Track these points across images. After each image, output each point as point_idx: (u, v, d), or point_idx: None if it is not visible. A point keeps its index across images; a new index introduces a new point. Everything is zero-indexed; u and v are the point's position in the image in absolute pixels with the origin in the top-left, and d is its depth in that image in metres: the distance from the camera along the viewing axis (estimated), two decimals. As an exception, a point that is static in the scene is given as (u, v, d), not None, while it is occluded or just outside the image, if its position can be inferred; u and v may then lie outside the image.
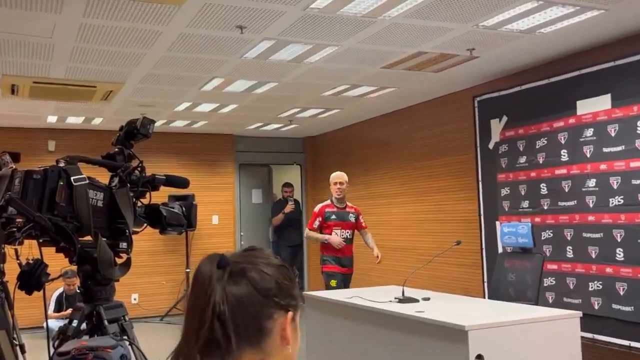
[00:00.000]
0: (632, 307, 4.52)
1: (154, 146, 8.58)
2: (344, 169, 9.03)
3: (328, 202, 5.94)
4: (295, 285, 1.07)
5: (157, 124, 7.85)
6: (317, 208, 5.93)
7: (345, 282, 5.85)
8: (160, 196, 2.27)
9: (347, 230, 5.88)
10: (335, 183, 5.89)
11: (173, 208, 2.30)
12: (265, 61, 5.12)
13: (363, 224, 6.03)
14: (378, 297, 4.35)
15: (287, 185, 9.58)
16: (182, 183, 2.34)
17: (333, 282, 5.73)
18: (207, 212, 8.85)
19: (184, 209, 2.45)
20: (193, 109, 7.13)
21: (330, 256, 5.79)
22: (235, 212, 9.33)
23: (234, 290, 0.99)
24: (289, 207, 9.21)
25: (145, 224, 2.19)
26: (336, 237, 5.75)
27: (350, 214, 5.94)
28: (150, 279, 8.65)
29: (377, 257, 5.87)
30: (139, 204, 2.13)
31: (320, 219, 5.81)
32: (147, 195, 2.18)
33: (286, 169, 10.94)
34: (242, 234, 9.32)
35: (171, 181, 2.29)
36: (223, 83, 5.87)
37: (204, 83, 5.84)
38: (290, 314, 1.03)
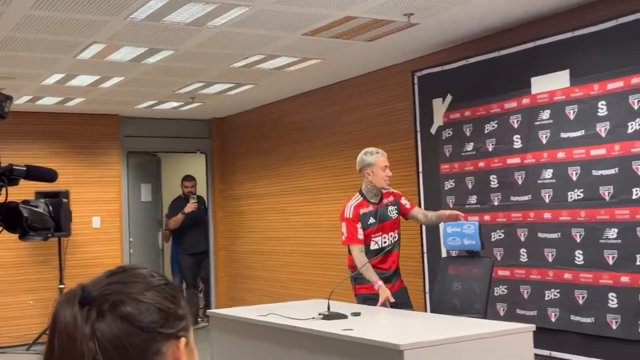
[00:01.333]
0: (593, 319, 4.78)
1: (16, 130, 8.28)
2: (259, 158, 9.10)
3: (357, 197, 4.86)
4: (181, 302, 1.06)
5: (19, 101, 7.61)
6: (348, 211, 4.81)
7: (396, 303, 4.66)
8: (24, 193, 2.20)
9: (390, 234, 4.86)
10: (385, 167, 4.82)
11: (37, 207, 2.23)
12: (157, 23, 5.03)
13: (407, 206, 4.91)
14: (298, 313, 4.38)
15: (188, 178, 9.47)
16: (47, 175, 2.27)
17: None
18: (86, 213, 8.63)
19: (50, 207, 2.37)
20: (67, 82, 6.93)
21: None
22: (123, 212, 9.14)
23: (107, 334, 0.97)
24: (191, 206, 9.10)
25: (0, 227, 2.11)
26: (385, 291, 4.62)
27: (390, 207, 4.86)
28: (14, 298, 8.37)
29: (459, 216, 4.72)
30: (-8, 201, 2.06)
31: (361, 226, 4.76)
32: (3, 191, 2.11)
33: (186, 159, 10.82)
34: (131, 240, 9.15)
35: (33, 173, 2.21)
36: (105, 50, 5.73)
37: (81, 50, 5.69)
38: (182, 340, 1.03)
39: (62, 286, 8.32)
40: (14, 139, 8.08)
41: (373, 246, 4.82)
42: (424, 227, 6.06)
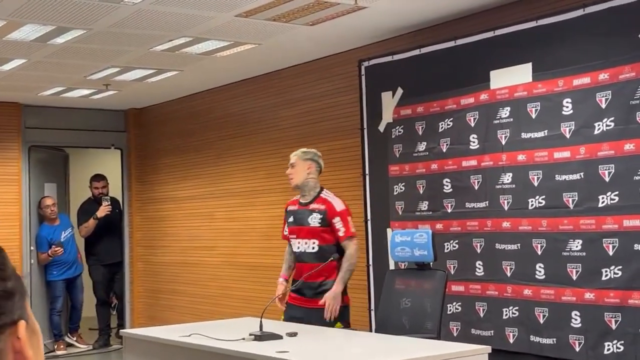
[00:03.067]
0: (555, 339, 4.92)
1: None
2: (184, 156, 9.05)
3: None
4: (7, 270, 0.95)
5: None
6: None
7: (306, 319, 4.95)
8: None
9: (306, 241, 5.13)
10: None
11: None
12: (67, -2, 4.97)
13: (341, 232, 5.05)
14: (227, 333, 4.38)
15: (97, 178, 9.34)
16: None
17: (338, 325, 5.00)
18: (-21, 217, 8.44)
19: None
20: (-42, 63, 6.77)
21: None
22: (23, 216, 8.95)
23: None
24: (104, 209, 8.98)
25: None
26: (280, 287, 5.16)
27: (314, 214, 5.10)
28: None
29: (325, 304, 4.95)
30: None
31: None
32: None
33: (98, 155, 10.68)
34: (32, 248, 8.97)
35: None
36: (5, 27, 5.63)
37: (-25, 26, 5.57)
38: (21, 324, 0.92)
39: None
40: None
41: (293, 248, 5.28)
42: (369, 235, 6.13)
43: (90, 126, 9.60)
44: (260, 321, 4.42)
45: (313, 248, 5.13)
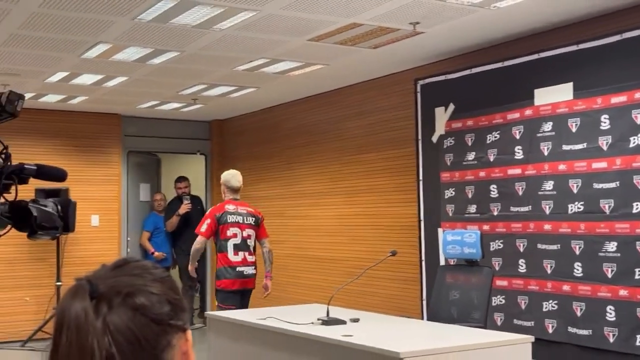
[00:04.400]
0: (590, 331, 4.79)
1: (18, 126, 8.25)
2: (259, 162, 9.09)
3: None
4: (182, 295, 1.06)
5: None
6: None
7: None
8: (23, 190, 2.21)
9: None
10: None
11: (46, 206, 2.24)
12: (164, 25, 5.04)
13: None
14: (297, 317, 4.38)
15: (180, 179, 9.47)
16: (58, 175, 2.28)
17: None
18: (85, 211, 8.62)
19: (59, 207, 2.38)
20: (71, 80, 6.93)
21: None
22: (122, 211, 9.14)
23: (120, 327, 0.95)
24: (185, 207, 9.08)
25: (9, 226, 2.12)
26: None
27: None
28: (9, 295, 8.36)
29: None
30: (2, 200, 2.06)
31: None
32: (13, 189, 2.11)
33: (185, 160, 10.81)
34: (128, 239, 9.15)
35: (44, 172, 2.22)
36: (110, 50, 5.74)
37: (87, 49, 5.69)
38: (189, 332, 1.04)
39: (59, 283, 8.30)
40: (16, 135, 8.05)
41: None
42: (422, 236, 6.07)
43: (180, 135, 9.73)
44: (327, 308, 4.41)
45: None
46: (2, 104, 2.02)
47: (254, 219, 6.02)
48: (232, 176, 6.13)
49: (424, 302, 5.95)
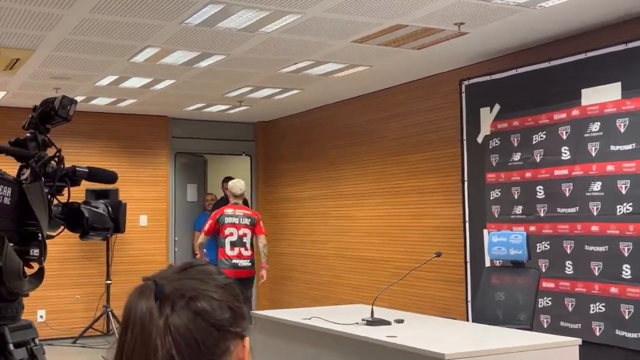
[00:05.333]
0: (639, 334, 4.67)
1: (68, 128, 8.40)
2: (303, 162, 9.11)
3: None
4: (243, 302, 1.08)
5: (74, 101, 7.72)
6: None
7: None
8: (77, 191, 2.25)
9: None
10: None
11: (97, 208, 2.27)
12: (211, 29, 5.08)
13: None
14: (342, 318, 4.38)
15: (227, 179, 9.54)
16: (109, 177, 2.31)
17: None
18: (134, 211, 8.76)
19: (110, 209, 2.41)
20: (120, 83, 7.04)
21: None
22: (169, 211, 9.25)
23: (181, 329, 0.98)
24: None
25: (62, 227, 2.15)
26: None
27: None
28: (61, 292, 8.52)
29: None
30: (55, 201, 2.09)
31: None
32: (65, 191, 2.14)
33: (229, 161, 10.90)
34: (176, 239, 9.26)
35: (95, 175, 2.25)
36: (158, 54, 5.81)
37: (135, 53, 5.77)
38: (247, 339, 1.05)
39: (108, 282, 8.44)
40: (67, 138, 8.21)
41: None
42: (467, 237, 6.01)
43: (226, 136, 9.81)
44: (372, 308, 4.40)
45: None
46: (56, 109, 2.05)
47: (249, 219, 7.06)
48: (234, 184, 7.14)
49: (469, 304, 5.89)
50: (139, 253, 8.90)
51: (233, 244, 6.98)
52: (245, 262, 7.06)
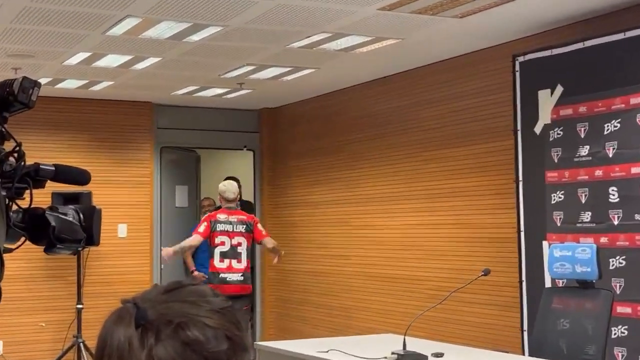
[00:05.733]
0: None
1: (30, 117, 8.46)
2: (318, 159, 9.12)
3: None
4: (244, 330, 1.08)
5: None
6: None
7: None
8: (41, 194, 2.25)
9: None
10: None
11: (66, 214, 2.27)
12: (204, -6, 5.09)
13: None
14: (367, 351, 4.37)
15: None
16: (80, 177, 2.31)
17: None
18: (110, 219, 8.77)
19: (81, 215, 2.42)
20: (93, 62, 7.08)
21: None
22: (154, 219, 9.28)
23: None
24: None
25: (23, 238, 2.15)
26: None
27: None
28: (22, 319, 8.57)
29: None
30: (14, 207, 2.10)
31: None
32: (27, 194, 2.15)
33: (227, 158, 10.93)
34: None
35: (63, 174, 2.25)
36: (141, 25, 5.83)
37: (112, 24, 5.79)
38: None
39: (80, 306, 8.48)
40: (27, 129, 8.25)
41: None
42: (523, 248, 5.99)
43: (223, 126, 9.84)
44: (404, 339, 4.39)
45: None
46: (15, 93, 2.05)
47: (244, 226, 7.34)
48: (226, 188, 7.48)
49: (525, 333, 5.86)
50: (116, 271, 8.93)
51: (223, 255, 7.26)
52: (235, 276, 7.26)
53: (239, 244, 7.27)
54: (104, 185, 8.75)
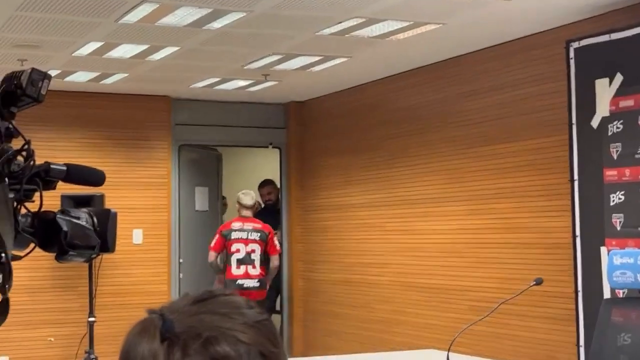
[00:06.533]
0: None
1: (38, 113, 8.52)
2: (351, 157, 9.11)
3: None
4: (281, 345, 1.09)
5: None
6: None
7: None
8: (50, 197, 2.26)
9: None
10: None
11: (78, 219, 2.28)
12: (227, -23, 5.11)
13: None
14: (408, 368, 4.35)
15: (266, 183, 9.61)
16: (94, 178, 2.32)
17: None
18: (125, 224, 8.82)
19: (95, 220, 2.43)
20: (106, 52, 7.12)
21: None
22: (172, 224, 9.31)
23: None
24: None
25: (32, 244, 2.17)
26: None
27: None
28: (30, 333, 8.63)
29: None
30: (23, 210, 2.11)
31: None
32: (37, 196, 2.16)
33: (251, 156, 10.93)
34: (181, 261, 9.32)
35: (75, 175, 2.26)
36: (157, 11, 5.85)
37: (126, 11, 5.83)
38: None
39: (92, 319, 8.52)
40: (37, 126, 8.31)
41: None
42: (579, 254, 5.95)
43: (246, 122, 9.85)
44: (447, 355, 4.37)
45: None
46: (23, 86, 2.06)
47: (259, 234, 8.27)
48: (244, 195, 8.43)
49: (581, 349, 5.83)
50: (131, 280, 8.98)
51: (240, 262, 8.20)
52: (252, 283, 8.21)
53: (253, 251, 8.19)
54: (117, 187, 8.78)
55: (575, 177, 6.03)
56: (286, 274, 9.88)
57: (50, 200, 2.20)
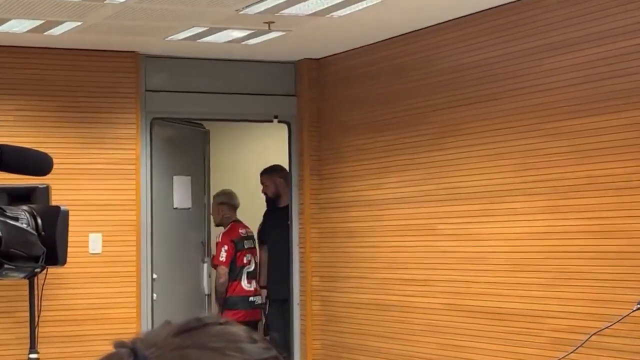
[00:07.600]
0: None
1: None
2: (387, 135, 9.09)
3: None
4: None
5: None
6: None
7: None
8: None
9: None
10: None
11: (16, 220, 2.28)
12: None
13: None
14: None
15: (264, 172, 9.63)
16: (38, 164, 2.32)
17: None
18: (78, 227, 8.81)
19: (39, 220, 2.45)
20: (51, -6, 7.11)
21: None
22: (142, 227, 9.31)
23: None
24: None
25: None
26: None
27: None
28: (-49, 374, 8.65)
29: None
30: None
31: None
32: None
33: (251, 133, 10.92)
34: (155, 276, 9.33)
35: (12, 159, 2.26)
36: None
37: None
38: None
39: (34, 356, 8.52)
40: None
41: None
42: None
43: (243, 88, 9.88)
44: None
45: None
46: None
47: (254, 242, 9.38)
48: (234, 194, 9.24)
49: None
50: (88, 303, 8.99)
51: (251, 276, 8.92)
52: (259, 299, 9.14)
53: (257, 262, 8.97)
54: (68, 177, 8.85)
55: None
56: (298, 294, 9.85)
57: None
